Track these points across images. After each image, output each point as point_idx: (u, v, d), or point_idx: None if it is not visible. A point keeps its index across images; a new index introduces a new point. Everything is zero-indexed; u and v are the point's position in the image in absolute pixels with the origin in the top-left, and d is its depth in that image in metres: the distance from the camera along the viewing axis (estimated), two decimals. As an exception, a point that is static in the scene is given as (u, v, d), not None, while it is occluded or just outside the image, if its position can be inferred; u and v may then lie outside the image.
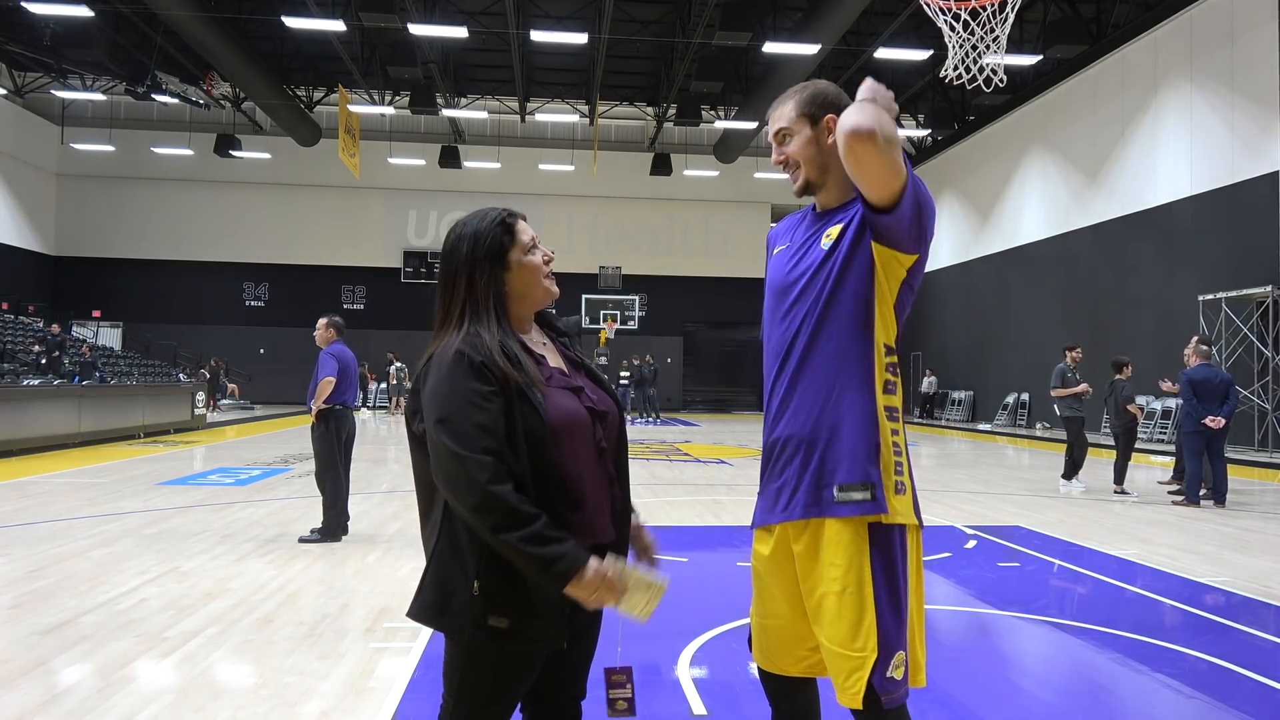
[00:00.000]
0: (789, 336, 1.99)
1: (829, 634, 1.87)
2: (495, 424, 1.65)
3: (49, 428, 13.03)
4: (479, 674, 1.75)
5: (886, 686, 1.81)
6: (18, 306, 23.13)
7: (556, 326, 2.00)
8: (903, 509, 1.90)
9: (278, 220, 28.81)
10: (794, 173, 2.05)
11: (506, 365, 1.70)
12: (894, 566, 1.88)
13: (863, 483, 1.87)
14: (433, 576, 1.75)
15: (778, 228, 2.20)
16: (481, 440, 1.63)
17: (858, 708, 1.83)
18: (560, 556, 1.60)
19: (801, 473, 1.94)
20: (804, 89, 2.06)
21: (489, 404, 1.66)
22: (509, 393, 1.69)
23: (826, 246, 1.95)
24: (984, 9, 6.74)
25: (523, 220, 1.90)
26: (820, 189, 2.04)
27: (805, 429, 1.94)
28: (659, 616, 1.81)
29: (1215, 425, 8.89)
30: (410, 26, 17.78)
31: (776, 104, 2.08)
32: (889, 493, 1.88)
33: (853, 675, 1.83)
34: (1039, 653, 4.26)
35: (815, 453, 1.92)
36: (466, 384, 1.67)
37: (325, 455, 6.44)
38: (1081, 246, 19.39)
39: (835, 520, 1.89)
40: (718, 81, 20.82)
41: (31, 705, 3.21)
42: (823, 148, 2.00)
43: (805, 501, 1.92)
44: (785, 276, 2.03)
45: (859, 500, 1.86)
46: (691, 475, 11.19)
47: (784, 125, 2.04)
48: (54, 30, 19.87)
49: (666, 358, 29.21)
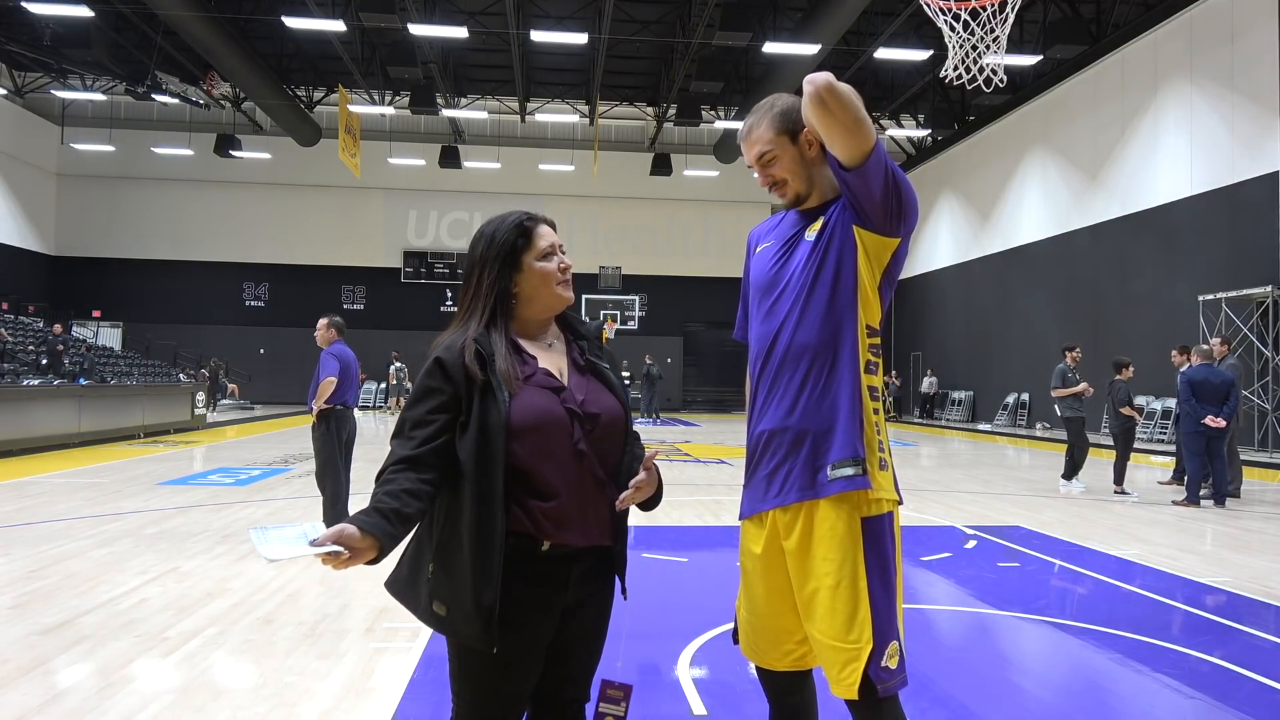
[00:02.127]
0: (773, 330, 2.02)
1: (822, 628, 1.88)
2: (423, 419, 1.77)
3: (49, 428, 13.03)
4: (474, 673, 1.78)
5: (882, 676, 1.84)
6: (18, 306, 23.13)
7: (578, 330, 2.02)
8: (885, 484, 1.94)
9: (278, 220, 28.81)
10: (782, 190, 2.07)
11: (472, 363, 1.77)
12: (886, 557, 1.91)
13: (853, 458, 1.90)
14: (410, 553, 1.87)
15: (759, 227, 2.23)
16: (403, 430, 1.78)
17: (853, 698, 1.85)
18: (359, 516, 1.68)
19: (793, 457, 1.96)
20: (771, 107, 2.06)
21: (428, 403, 1.77)
22: (469, 388, 1.77)
23: (811, 238, 2.00)
24: (984, 9, 6.75)
25: (546, 226, 1.94)
26: (808, 198, 2.07)
27: (795, 417, 1.96)
28: (659, 616, 1.81)
29: (1215, 425, 8.89)
30: (410, 26, 17.79)
31: (749, 126, 2.08)
32: (873, 469, 1.92)
33: (848, 667, 1.84)
34: (1039, 653, 4.25)
35: (807, 438, 1.95)
36: (423, 380, 1.80)
37: (326, 455, 6.44)
38: (1081, 246, 19.39)
39: (829, 508, 1.90)
40: (718, 81, 20.82)
41: (31, 705, 3.21)
42: (806, 159, 2.04)
43: (800, 484, 1.94)
44: (769, 273, 2.06)
45: (850, 475, 1.89)
46: (691, 475, 11.19)
47: (766, 148, 2.04)
48: (54, 30, 19.87)
49: (666, 358, 29.22)
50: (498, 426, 1.73)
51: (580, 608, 1.87)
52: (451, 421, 1.77)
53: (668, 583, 5.43)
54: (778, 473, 1.98)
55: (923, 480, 11.06)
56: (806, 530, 1.93)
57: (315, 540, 1.65)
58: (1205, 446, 9.06)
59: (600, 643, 1.95)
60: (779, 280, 2.03)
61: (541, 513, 1.77)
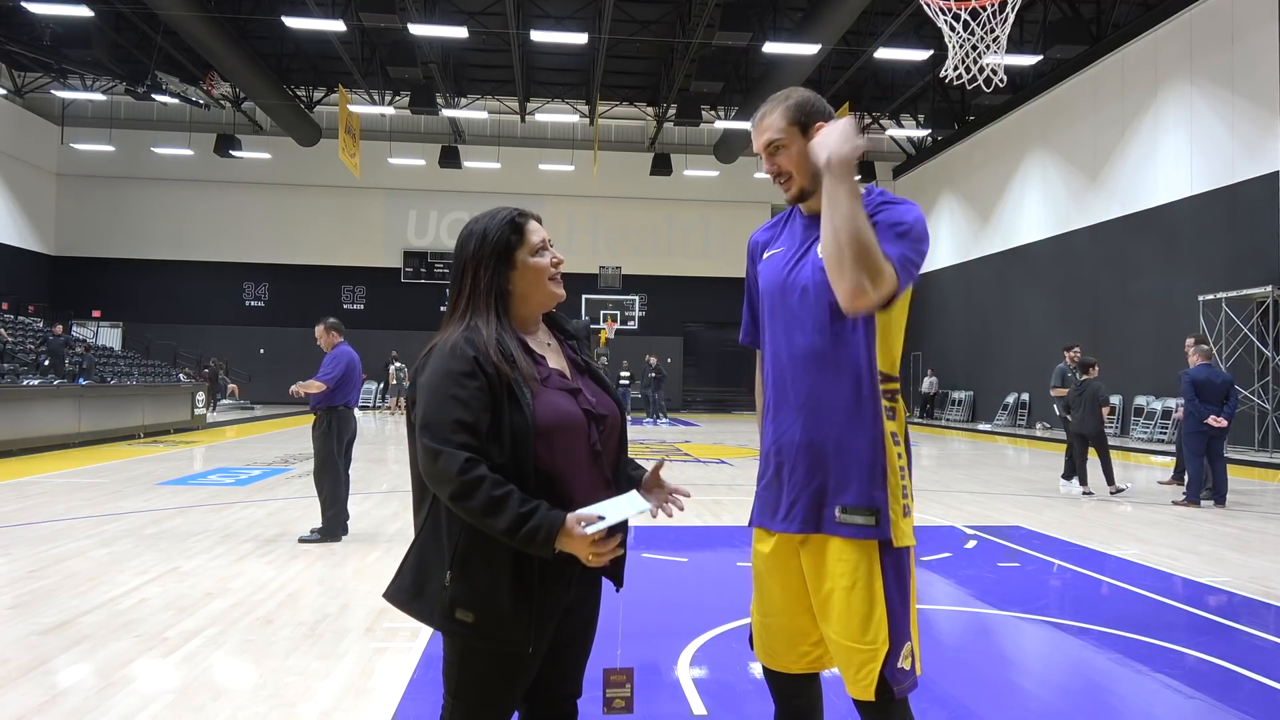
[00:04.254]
0: (795, 338, 1.97)
1: (838, 629, 1.88)
2: (476, 420, 1.68)
3: (49, 428, 13.03)
4: (474, 673, 1.76)
5: (898, 677, 1.84)
6: (18, 306, 23.12)
7: (565, 329, 2.01)
8: (908, 531, 1.91)
9: (278, 220, 28.80)
10: (787, 183, 2.04)
11: (500, 361, 1.72)
12: (900, 559, 1.90)
13: (868, 508, 1.87)
14: (412, 561, 1.79)
15: (760, 233, 2.20)
16: (457, 435, 1.66)
17: (870, 699, 1.84)
18: (538, 528, 1.62)
19: (804, 486, 1.93)
20: (788, 97, 2.04)
21: (473, 400, 1.68)
22: (498, 389, 1.71)
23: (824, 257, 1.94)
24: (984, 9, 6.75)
25: (535, 221, 1.92)
26: (812, 195, 2.03)
27: (811, 436, 1.93)
28: (659, 616, 1.81)
29: (1218, 425, 8.88)
30: (410, 26, 17.78)
31: (762, 114, 2.05)
32: (896, 517, 1.89)
33: (865, 668, 1.84)
34: (1039, 653, 4.25)
35: (820, 467, 1.92)
36: (455, 379, 1.70)
37: (325, 454, 6.44)
38: (1081, 246, 19.39)
39: (840, 541, 1.90)
40: (718, 81, 20.82)
41: (31, 705, 3.21)
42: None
43: (803, 518, 1.93)
44: (787, 279, 2.00)
45: (861, 524, 1.87)
46: (691, 475, 11.19)
47: (775, 136, 2.01)
48: (54, 30, 19.87)
49: (667, 358, 29.23)
50: (523, 428, 1.71)
51: (577, 605, 1.88)
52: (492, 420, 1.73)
53: (668, 583, 5.43)
54: (784, 499, 1.97)
55: (923, 480, 11.05)
56: (820, 544, 1.93)
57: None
58: (1206, 447, 9.05)
59: (592, 639, 1.97)
60: (794, 287, 1.98)
61: None
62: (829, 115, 2.01)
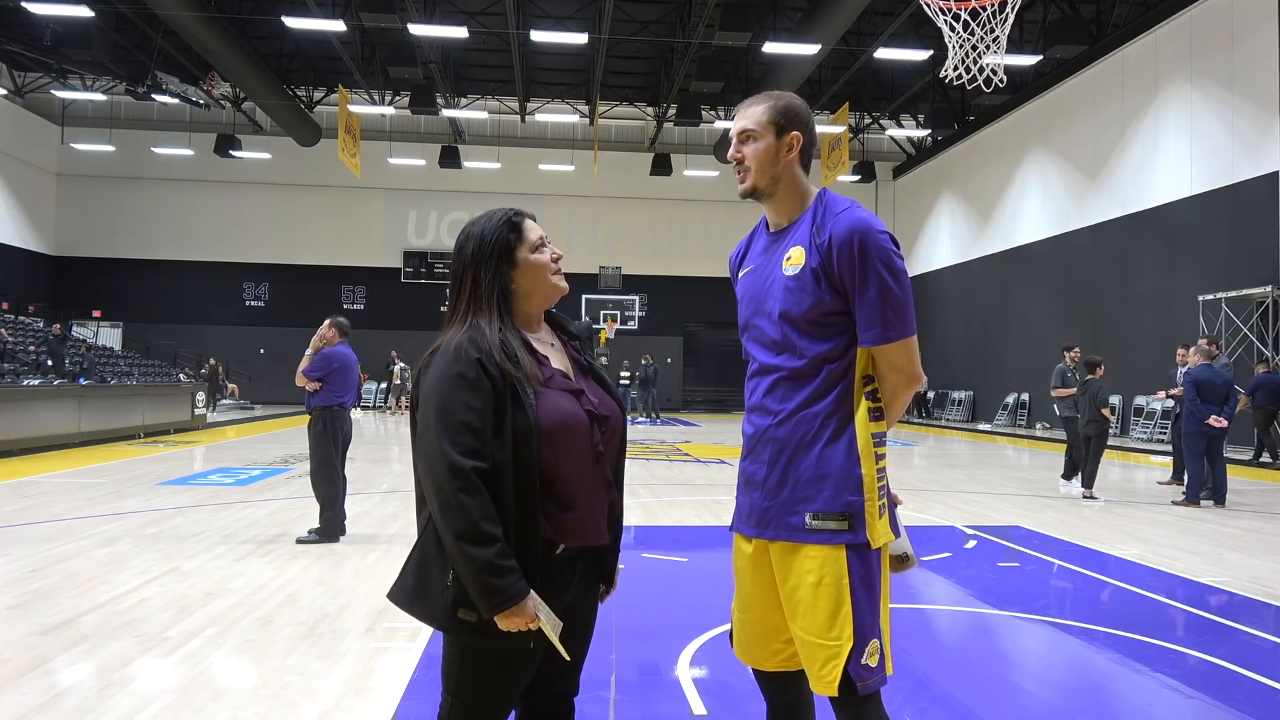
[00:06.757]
0: (768, 351, 2.01)
1: (804, 624, 1.89)
2: (482, 424, 1.68)
3: (49, 428, 13.03)
4: (475, 672, 1.77)
5: (861, 674, 1.84)
6: (18, 306, 23.13)
7: (567, 329, 2.01)
8: (883, 530, 1.93)
9: (278, 220, 28.80)
10: (744, 175, 2.06)
11: (504, 360, 1.73)
12: (870, 561, 1.91)
13: (841, 513, 1.89)
14: (415, 561, 1.79)
15: (736, 251, 2.23)
16: (463, 441, 1.65)
17: (833, 695, 1.85)
18: (502, 589, 1.63)
19: (776, 492, 1.95)
20: (779, 97, 2.07)
21: (477, 403, 1.69)
22: (501, 389, 1.71)
23: (791, 273, 1.97)
24: (984, 9, 6.75)
25: (531, 219, 1.93)
26: (768, 199, 2.06)
27: (782, 446, 1.95)
28: (659, 616, 1.81)
29: (1219, 425, 8.87)
30: (410, 26, 17.79)
31: (748, 103, 2.08)
32: (871, 519, 1.90)
33: (828, 664, 1.85)
34: (1039, 653, 4.25)
35: (793, 471, 1.93)
36: (459, 382, 1.70)
37: (321, 455, 6.44)
38: (1081, 246, 19.39)
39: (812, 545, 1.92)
40: (718, 81, 20.82)
41: (31, 705, 3.21)
42: (780, 160, 2.02)
43: (776, 525, 1.95)
44: (757, 295, 2.05)
45: (834, 530, 1.88)
46: (691, 475, 11.19)
47: (750, 126, 2.04)
48: (54, 30, 19.86)
49: (666, 358, 29.22)
50: (527, 429, 1.71)
51: (576, 605, 1.89)
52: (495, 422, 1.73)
53: (668, 583, 5.43)
54: (757, 506, 1.99)
55: (923, 480, 11.06)
56: (791, 546, 1.94)
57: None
58: (1206, 447, 9.05)
59: (590, 639, 1.98)
60: (764, 304, 2.02)
61: (563, 517, 1.77)
62: (809, 129, 2.04)
